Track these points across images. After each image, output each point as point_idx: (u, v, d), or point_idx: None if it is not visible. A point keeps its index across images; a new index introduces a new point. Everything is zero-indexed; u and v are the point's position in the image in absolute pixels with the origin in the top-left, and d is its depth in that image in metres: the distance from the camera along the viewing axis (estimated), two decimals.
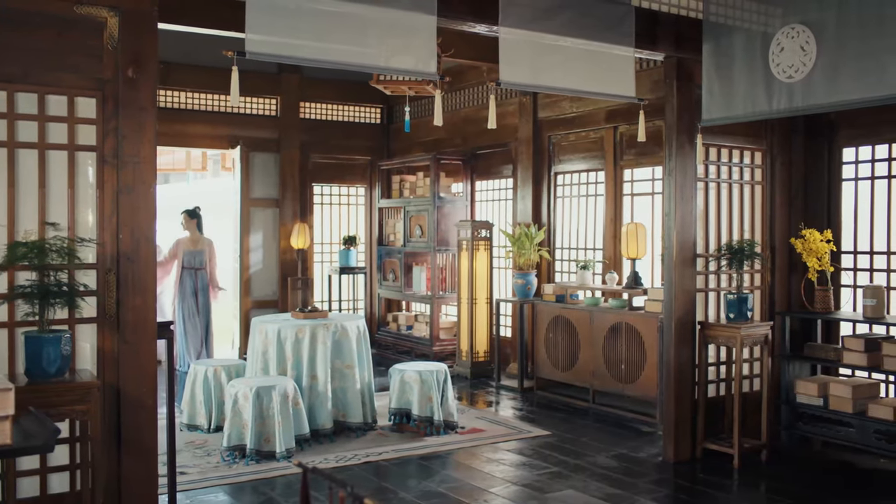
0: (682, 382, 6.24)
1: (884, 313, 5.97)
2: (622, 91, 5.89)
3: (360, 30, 4.88)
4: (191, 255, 9.42)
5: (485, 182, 10.47)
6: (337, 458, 6.22)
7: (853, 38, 5.00)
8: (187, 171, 15.75)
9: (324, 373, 6.73)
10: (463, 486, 5.64)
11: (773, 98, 5.46)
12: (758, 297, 6.71)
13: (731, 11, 5.79)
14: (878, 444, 5.78)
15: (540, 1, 5.40)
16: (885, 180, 6.48)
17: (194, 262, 9.42)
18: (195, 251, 9.46)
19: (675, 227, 6.17)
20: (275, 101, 11.09)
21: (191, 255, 9.42)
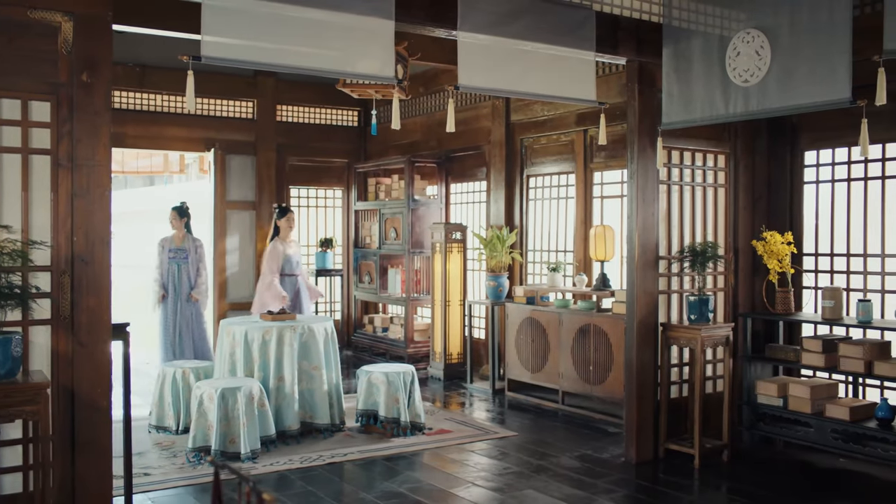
0: (644, 383, 6.29)
1: (842, 315, 6.03)
2: (583, 95, 5.94)
3: (319, 34, 4.92)
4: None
5: (460, 184, 10.52)
6: (302, 459, 6.26)
7: (805, 43, 5.07)
8: (165, 174, 15.75)
9: (290, 374, 6.76)
10: (423, 487, 5.69)
11: (729, 102, 5.53)
12: (721, 298, 6.78)
13: (690, 16, 5.86)
14: (835, 444, 5.84)
15: (499, 5, 5.44)
16: (844, 183, 6.55)
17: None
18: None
19: (637, 230, 6.23)
20: (251, 104, 11.11)
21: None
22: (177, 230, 9.29)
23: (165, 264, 9.15)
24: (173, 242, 9.25)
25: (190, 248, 9.24)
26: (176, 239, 9.26)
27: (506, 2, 5.47)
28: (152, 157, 12.84)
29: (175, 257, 9.19)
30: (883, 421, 5.66)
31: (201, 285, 9.27)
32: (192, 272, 9.20)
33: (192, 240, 9.29)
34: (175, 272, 9.17)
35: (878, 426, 5.67)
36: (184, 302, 9.12)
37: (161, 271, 9.18)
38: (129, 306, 16.68)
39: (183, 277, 9.18)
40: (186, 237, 9.27)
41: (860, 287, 6.39)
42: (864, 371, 5.76)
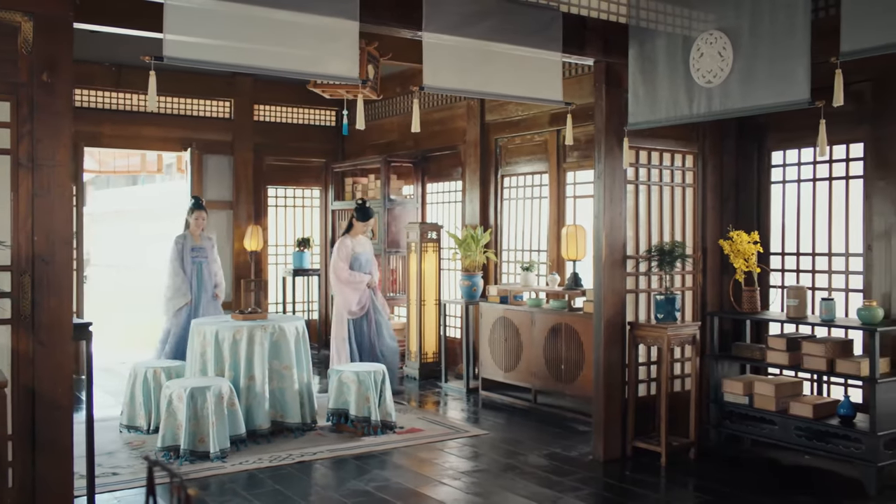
0: (611, 382, 6.34)
1: (806, 313, 6.10)
2: (550, 95, 5.97)
3: (283, 34, 4.94)
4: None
5: (436, 184, 10.55)
6: (271, 458, 6.28)
7: (766, 44, 5.12)
8: (144, 174, 15.74)
9: (261, 374, 6.78)
10: (391, 486, 5.72)
11: (693, 102, 5.58)
12: (689, 297, 6.83)
13: (655, 16, 5.90)
14: (798, 441, 5.90)
15: (465, 6, 5.47)
16: (810, 183, 6.61)
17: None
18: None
19: (604, 229, 6.27)
20: (228, 104, 11.12)
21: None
22: (195, 227, 8.90)
23: (188, 264, 8.74)
24: (193, 241, 8.87)
25: (207, 246, 8.98)
26: (195, 237, 8.91)
27: (471, 3, 5.49)
28: (129, 157, 12.81)
29: (197, 256, 8.84)
30: (845, 418, 5.72)
31: (222, 282, 9.08)
32: (212, 270, 8.93)
33: (207, 238, 9.04)
34: (197, 271, 8.81)
35: (840, 423, 5.73)
36: (208, 302, 8.78)
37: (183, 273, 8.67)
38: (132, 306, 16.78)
39: (205, 276, 8.85)
40: (202, 235, 8.97)
41: (825, 286, 6.45)
42: (826, 369, 5.82)
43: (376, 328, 8.39)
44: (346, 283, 8.26)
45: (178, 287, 8.65)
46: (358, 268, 8.35)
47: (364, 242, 8.53)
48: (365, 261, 8.45)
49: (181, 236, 8.80)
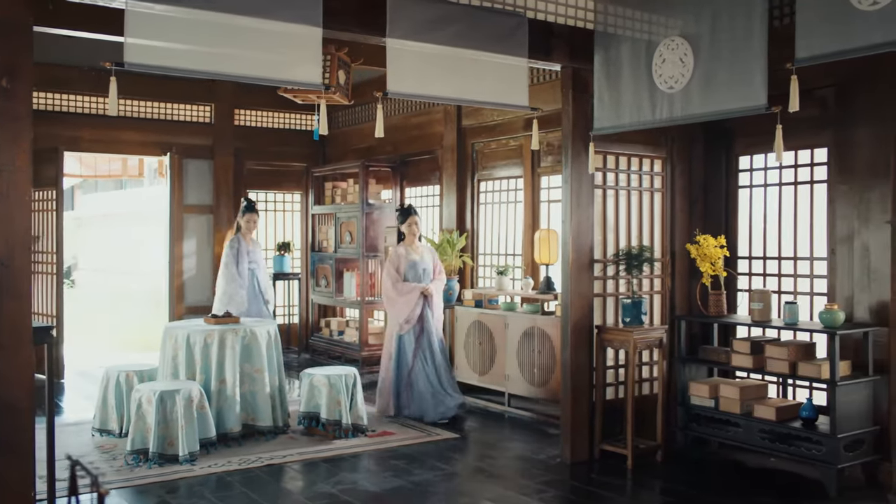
0: (578, 385, 6.39)
1: (770, 316, 6.15)
2: (515, 101, 6.02)
3: (246, 41, 4.97)
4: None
5: (415, 189, 10.61)
6: (241, 461, 6.31)
7: (725, 50, 5.18)
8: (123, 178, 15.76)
9: (232, 377, 6.81)
10: (357, 488, 5.75)
11: (656, 107, 5.63)
12: (658, 301, 6.88)
13: (620, 21, 5.95)
14: (762, 444, 5.95)
15: (429, 12, 5.50)
16: (776, 187, 6.67)
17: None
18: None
19: (571, 233, 6.32)
20: (208, 108, 11.18)
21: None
22: (246, 230, 8.64)
23: (244, 269, 8.50)
24: (246, 246, 8.63)
25: (259, 252, 8.80)
26: (248, 241, 8.68)
27: (436, 9, 5.53)
28: (111, 161, 12.85)
29: (251, 262, 8.63)
30: (807, 421, 5.78)
31: (269, 290, 8.86)
32: (263, 282, 8.74)
33: (257, 243, 8.85)
34: (251, 278, 8.62)
35: (802, 426, 5.78)
36: (259, 311, 8.55)
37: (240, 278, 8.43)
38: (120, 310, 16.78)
39: (257, 283, 8.66)
40: (253, 241, 8.75)
41: (791, 289, 6.51)
42: (788, 372, 5.88)
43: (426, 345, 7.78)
44: (391, 295, 7.81)
45: (233, 294, 8.37)
46: (414, 277, 7.83)
47: (421, 249, 8.01)
48: (423, 269, 7.89)
49: (235, 239, 8.56)
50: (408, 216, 7.97)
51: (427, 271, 7.89)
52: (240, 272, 8.42)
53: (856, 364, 5.82)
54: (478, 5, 5.69)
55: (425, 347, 7.76)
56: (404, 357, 7.75)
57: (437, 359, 7.78)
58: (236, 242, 8.50)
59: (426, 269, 7.90)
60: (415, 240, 7.98)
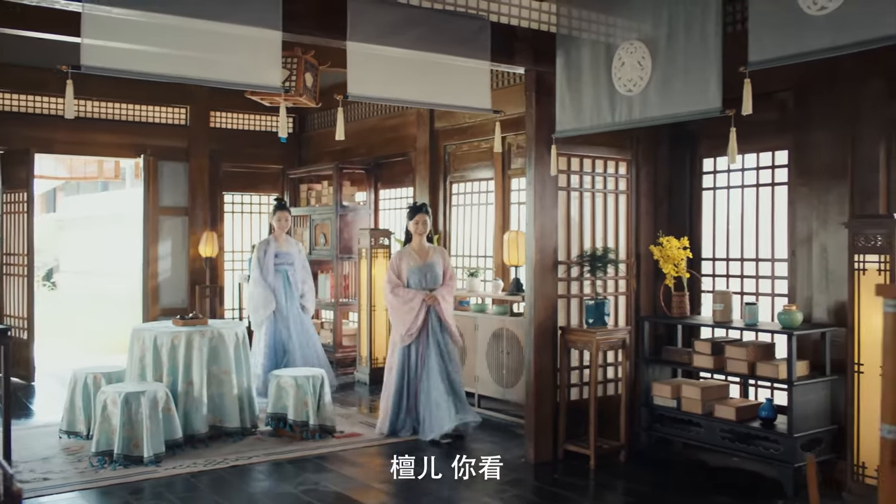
0: (542, 386, 6.43)
1: (731, 317, 6.21)
2: (478, 104, 6.06)
3: (205, 44, 4.99)
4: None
5: (389, 191, 10.65)
6: (206, 462, 6.33)
7: (682, 55, 5.23)
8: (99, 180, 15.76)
9: (199, 378, 6.83)
10: (318, 489, 5.78)
11: (615, 110, 5.68)
12: (623, 302, 6.93)
13: (582, 24, 6.00)
14: (723, 443, 6.00)
15: (390, 16, 5.52)
16: (738, 189, 6.73)
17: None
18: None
19: (534, 235, 6.36)
20: (184, 110, 11.17)
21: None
22: (280, 231, 8.48)
23: (272, 272, 8.32)
24: (277, 246, 8.47)
25: (294, 252, 8.53)
26: (279, 242, 8.48)
27: (397, 12, 5.55)
28: (86, 163, 12.85)
29: (282, 263, 8.44)
30: (766, 420, 5.84)
31: (309, 292, 8.58)
32: (299, 279, 8.50)
33: (293, 242, 8.61)
34: (283, 280, 8.41)
35: (761, 425, 5.84)
36: (294, 314, 8.36)
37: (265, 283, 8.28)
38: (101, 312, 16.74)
39: (292, 285, 8.41)
40: (287, 240, 8.53)
41: (752, 290, 6.57)
42: (747, 372, 5.94)
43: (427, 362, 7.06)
44: (389, 301, 7.18)
45: (259, 299, 8.24)
46: (417, 283, 7.14)
47: (429, 251, 7.27)
48: (428, 274, 7.18)
49: (264, 242, 8.43)
50: (416, 213, 7.27)
51: (435, 276, 7.17)
52: (264, 275, 8.29)
53: (814, 364, 5.88)
54: (440, 9, 5.73)
55: (427, 364, 7.06)
56: (405, 373, 7.10)
57: (434, 378, 6.99)
58: (263, 245, 8.41)
59: (434, 273, 7.18)
60: (422, 240, 7.27)
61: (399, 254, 7.28)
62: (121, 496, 5.62)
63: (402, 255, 7.23)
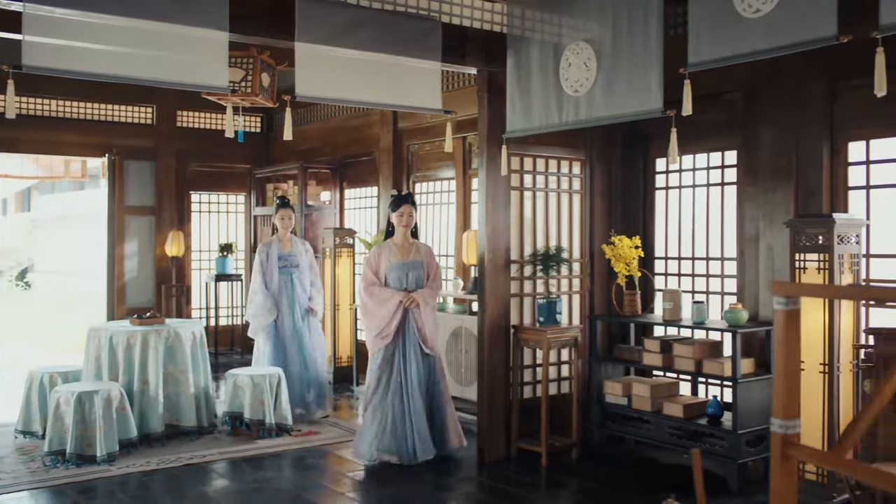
0: (494, 384, 6.48)
1: (680, 316, 6.27)
2: (429, 104, 6.10)
3: (151, 44, 5.02)
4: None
5: (355, 190, 10.68)
6: (160, 461, 6.34)
7: (625, 56, 5.29)
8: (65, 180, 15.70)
9: (155, 378, 6.84)
10: (268, 488, 5.82)
11: (562, 111, 5.74)
12: (577, 301, 6.99)
13: (531, 25, 6.06)
14: (672, 440, 6.07)
15: (339, 17, 5.56)
16: (690, 189, 6.80)
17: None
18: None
19: (486, 234, 6.41)
20: (150, 110, 11.16)
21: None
22: (283, 231, 7.94)
23: (275, 276, 7.77)
24: (280, 247, 7.90)
25: (300, 253, 7.95)
26: (283, 243, 7.93)
27: (346, 13, 5.59)
28: (52, 163, 12.81)
29: (286, 266, 7.84)
30: (713, 417, 5.90)
31: (318, 294, 8.03)
32: (307, 281, 7.95)
33: (299, 242, 8.05)
34: (287, 284, 7.82)
35: (708, 422, 5.91)
36: (300, 319, 7.83)
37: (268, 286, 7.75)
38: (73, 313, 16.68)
39: (297, 290, 7.83)
40: (293, 240, 7.98)
41: (703, 289, 6.64)
42: (694, 370, 6.00)
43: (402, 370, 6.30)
44: (363, 300, 6.52)
45: (260, 307, 7.71)
46: (396, 281, 6.43)
47: (413, 248, 6.55)
48: (410, 274, 6.46)
49: (266, 244, 7.93)
50: (401, 204, 6.52)
51: (417, 276, 6.44)
52: (267, 281, 7.76)
53: (760, 362, 5.96)
54: (390, 10, 5.77)
55: (400, 372, 6.30)
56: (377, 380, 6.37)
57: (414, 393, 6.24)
58: (265, 248, 7.87)
59: (416, 273, 6.44)
60: (406, 235, 6.51)
61: (378, 249, 6.52)
62: (71, 496, 5.63)
63: (382, 251, 6.45)
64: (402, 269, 6.44)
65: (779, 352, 2.46)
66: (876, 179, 5.65)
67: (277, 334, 7.74)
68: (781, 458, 2.43)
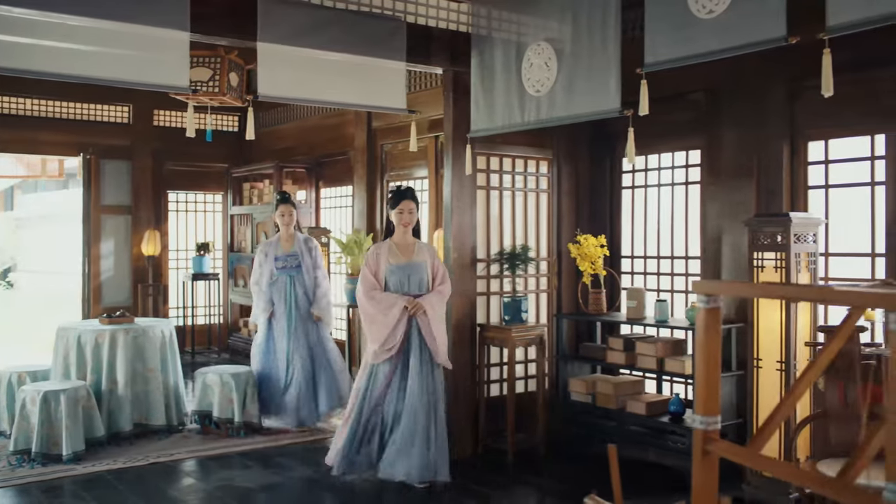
0: (461, 382, 6.51)
1: (644, 314, 6.32)
2: (393, 104, 6.13)
3: (111, 44, 5.03)
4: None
5: (331, 189, 10.70)
6: (126, 460, 6.36)
7: (584, 56, 5.33)
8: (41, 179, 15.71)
9: (123, 377, 6.85)
10: (233, 485, 5.83)
11: (525, 111, 5.78)
12: (545, 300, 7.03)
13: (494, 24, 6.09)
14: (635, 437, 6.12)
15: (302, 17, 5.58)
16: (655, 188, 6.85)
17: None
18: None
19: (452, 233, 6.45)
20: (127, 109, 11.16)
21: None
22: (284, 229, 7.46)
23: (273, 277, 7.35)
24: (279, 247, 7.46)
25: (302, 252, 7.43)
26: (283, 242, 7.47)
27: (309, 14, 5.61)
28: (28, 161, 12.80)
29: (286, 266, 7.36)
30: (675, 415, 5.95)
31: (322, 299, 7.40)
32: (309, 283, 7.39)
33: (302, 241, 7.48)
34: (286, 286, 7.34)
35: (670, 420, 5.95)
36: (302, 324, 7.33)
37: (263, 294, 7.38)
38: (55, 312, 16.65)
39: (298, 292, 7.33)
40: (296, 238, 7.48)
41: (668, 287, 6.69)
42: (657, 368, 6.05)
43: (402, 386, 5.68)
44: (363, 307, 5.79)
45: (256, 298, 7.45)
46: (397, 285, 5.76)
47: (415, 248, 5.88)
48: (412, 277, 5.78)
49: (266, 243, 7.51)
50: (400, 200, 5.88)
51: (420, 280, 5.78)
52: (259, 279, 7.40)
53: (722, 360, 5.98)
54: (354, 10, 5.80)
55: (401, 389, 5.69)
56: (371, 397, 5.75)
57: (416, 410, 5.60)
58: (265, 248, 7.48)
59: (419, 276, 5.78)
60: (407, 234, 5.90)
61: (377, 248, 5.88)
62: (35, 495, 5.64)
63: (381, 251, 5.81)
64: (403, 271, 5.75)
65: (699, 350, 2.50)
66: (834, 179, 5.71)
67: (271, 333, 7.39)
68: (702, 453, 2.48)
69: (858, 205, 5.57)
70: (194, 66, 6.82)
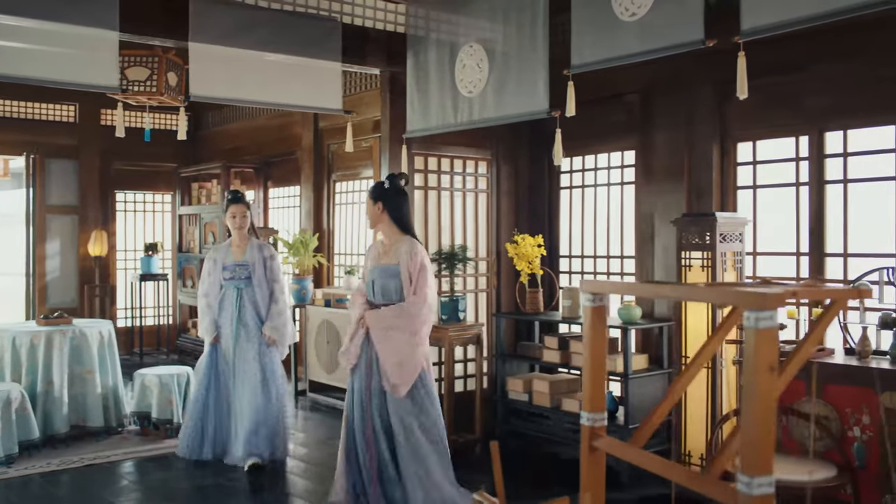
0: None
1: (578, 313, 6.38)
2: (329, 104, 6.16)
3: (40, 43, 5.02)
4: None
5: (279, 189, 10.69)
6: (61, 462, 6.31)
7: (515, 57, 5.39)
8: None
9: (60, 378, 6.80)
10: (167, 486, 5.82)
11: (458, 111, 5.82)
12: (484, 299, 7.08)
13: (430, 25, 6.13)
14: (570, 435, 6.18)
15: (234, 17, 5.58)
16: (592, 189, 6.93)
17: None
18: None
19: None
20: (73, 108, 11.07)
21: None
22: (236, 233, 6.32)
23: (216, 292, 6.29)
24: (229, 254, 6.31)
25: (255, 262, 6.24)
26: (234, 248, 6.33)
27: (241, 14, 5.62)
28: None
29: (233, 277, 6.22)
30: (608, 413, 6.00)
31: (277, 317, 6.20)
32: (262, 298, 6.22)
33: (257, 248, 6.30)
34: (232, 299, 6.19)
35: None
36: (249, 343, 6.13)
37: (212, 303, 6.28)
38: None
39: (246, 307, 6.15)
40: (250, 245, 6.30)
41: None
42: None
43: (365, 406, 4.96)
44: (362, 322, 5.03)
45: (200, 315, 6.41)
46: (367, 293, 5.08)
47: (395, 250, 4.99)
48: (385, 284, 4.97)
49: (215, 249, 6.47)
50: (375, 200, 5.08)
51: (384, 286, 4.97)
52: (209, 290, 6.34)
53: (654, 358, 6.09)
54: (289, 10, 5.81)
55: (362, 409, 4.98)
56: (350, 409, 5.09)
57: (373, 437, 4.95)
58: (213, 255, 6.39)
59: (382, 282, 4.98)
60: (391, 230, 5.06)
61: (371, 246, 5.26)
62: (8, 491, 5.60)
63: (371, 249, 5.20)
64: (371, 274, 5.04)
65: (586, 348, 2.55)
66: (762, 179, 5.81)
67: (215, 356, 6.26)
68: (589, 449, 2.53)
69: (785, 205, 5.68)
70: (132, 65, 6.79)
